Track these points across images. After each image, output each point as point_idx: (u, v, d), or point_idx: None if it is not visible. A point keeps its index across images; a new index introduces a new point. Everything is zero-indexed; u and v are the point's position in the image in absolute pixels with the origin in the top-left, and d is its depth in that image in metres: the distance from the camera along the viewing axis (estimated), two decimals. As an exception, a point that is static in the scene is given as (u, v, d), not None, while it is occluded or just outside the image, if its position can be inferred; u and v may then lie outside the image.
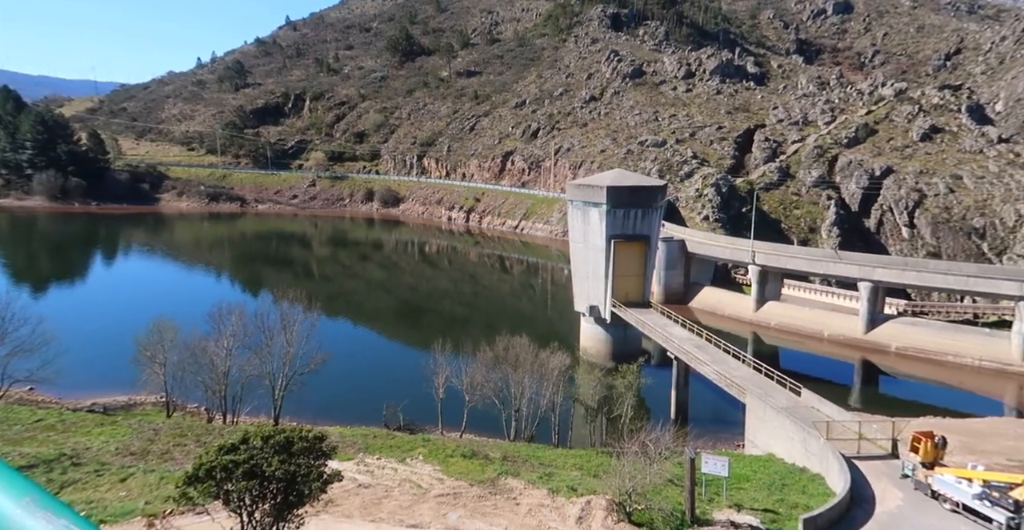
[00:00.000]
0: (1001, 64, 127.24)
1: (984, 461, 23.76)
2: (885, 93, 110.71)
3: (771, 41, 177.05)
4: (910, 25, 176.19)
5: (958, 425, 28.78)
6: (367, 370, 43.75)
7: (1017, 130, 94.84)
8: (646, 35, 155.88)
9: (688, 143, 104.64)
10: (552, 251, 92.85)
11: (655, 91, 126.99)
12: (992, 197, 77.00)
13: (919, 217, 78.74)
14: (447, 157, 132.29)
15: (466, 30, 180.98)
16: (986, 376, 41.34)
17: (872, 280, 49.16)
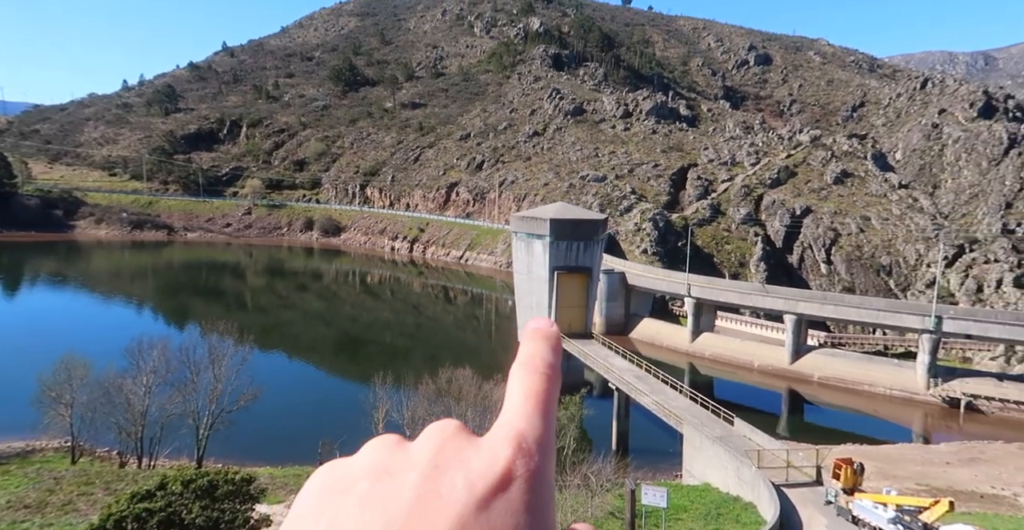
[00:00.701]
0: (898, 118, 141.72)
1: (897, 486, 25.30)
2: (802, 139, 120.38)
3: (701, 87, 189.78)
4: (821, 79, 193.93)
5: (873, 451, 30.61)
6: (303, 405, 41.72)
7: (913, 177, 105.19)
8: (586, 75, 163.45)
9: (627, 179, 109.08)
10: (496, 282, 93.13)
11: (595, 128, 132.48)
12: (896, 237, 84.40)
13: (835, 254, 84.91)
14: (391, 187, 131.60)
15: (411, 63, 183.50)
16: (896, 404, 44.35)
17: (796, 313, 52.19)
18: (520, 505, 0.55)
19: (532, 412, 0.63)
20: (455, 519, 0.52)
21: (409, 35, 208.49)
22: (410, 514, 0.53)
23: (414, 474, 0.57)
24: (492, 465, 0.57)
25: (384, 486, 0.56)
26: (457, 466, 0.57)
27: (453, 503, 0.54)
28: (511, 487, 0.56)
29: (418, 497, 0.54)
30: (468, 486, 0.55)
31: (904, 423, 41.66)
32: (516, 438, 0.59)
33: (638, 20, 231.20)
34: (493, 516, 0.53)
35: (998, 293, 68.18)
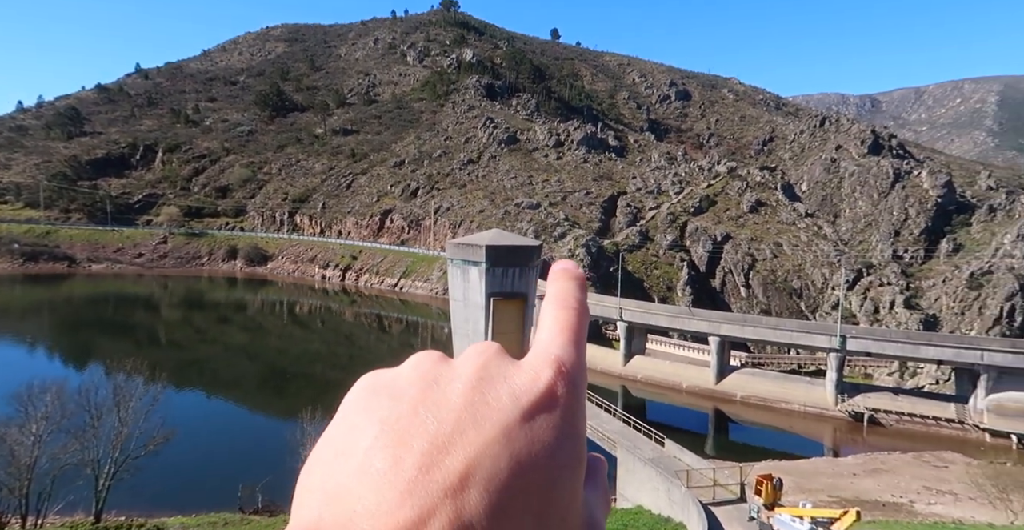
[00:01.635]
0: (802, 152, 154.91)
1: (811, 499, 26.86)
2: (720, 170, 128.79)
3: (627, 119, 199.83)
4: (735, 114, 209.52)
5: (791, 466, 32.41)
6: (222, 447, 39.00)
7: (817, 207, 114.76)
8: (519, 105, 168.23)
9: (560, 206, 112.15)
10: (432, 309, 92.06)
11: (529, 157, 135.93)
12: (805, 262, 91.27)
13: (753, 278, 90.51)
14: (322, 214, 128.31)
15: (342, 90, 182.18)
16: (809, 420, 47.30)
17: (719, 335, 54.92)
18: (560, 421, 0.57)
19: (567, 342, 0.66)
20: (502, 425, 0.54)
21: (340, 62, 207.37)
22: (460, 418, 0.55)
23: (461, 385, 0.59)
24: (535, 382, 0.59)
25: (433, 392, 0.59)
26: (502, 381, 0.59)
27: (500, 411, 0.56)
28: (553, 405, 0.58)
29: (467, 404, 0.56)
30: (514, 398, 0.57)
31: (817, 438, 44.44)
32: (556, 362, 0.62)
33: (567, 54, 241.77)
34: (536, 428, 0.55)
35: (891, 313, 74.96)
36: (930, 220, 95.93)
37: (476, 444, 0.52)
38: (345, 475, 0.53)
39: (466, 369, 0.62)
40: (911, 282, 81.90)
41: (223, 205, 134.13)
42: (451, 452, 0.52)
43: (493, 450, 0.52)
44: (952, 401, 44.76)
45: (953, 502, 28.03)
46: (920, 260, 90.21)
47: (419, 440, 0.53)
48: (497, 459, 0.52)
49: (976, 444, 38.62)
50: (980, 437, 40.29)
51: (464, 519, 0.48)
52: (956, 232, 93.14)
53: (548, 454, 0.54)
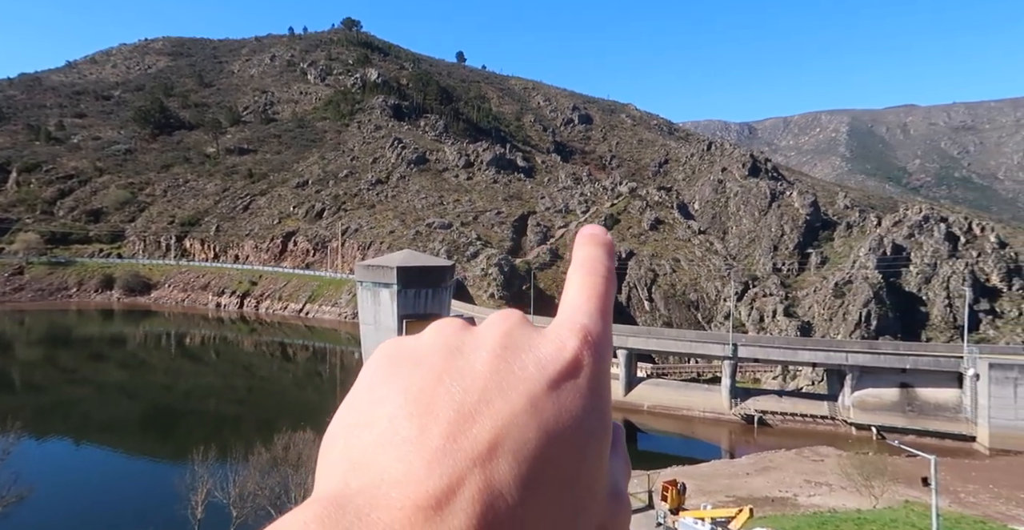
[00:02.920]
0: (693, 174, 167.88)
1: (712, 500, 28.71)
2: (622, 190, 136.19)
3: (535, 141, 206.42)
4: (633, 138, 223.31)
5: (693, 470, 34.46)
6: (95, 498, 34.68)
7: (709, 224, 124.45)
8: (427, 126, 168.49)
9: (472, 226, 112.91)
10: (341, 335, 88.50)
11: (439, 177, 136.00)
12: (700, 276, 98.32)
13: (655, 292, 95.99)
14: (216, 237, 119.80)
15: (236, 107, 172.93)
16: (709, 425, 50.61)
17: (627, 347, 57.52)
18: (587, 389, 0.56)
19: (594, 310, 0.64)
20: (529, 394, 0.53)
21: (233, 78, 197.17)
22: (486, 386, 0.53)
23: (486, 353, 0.57)
24: (561, 351, 0.58)
25: (457, 361, 0.57)
26: (527, 349, 0.58)
27: (526, 380, 0.54)
28: (579, 373, 0.57)
29: (493, 371, 0.55)
30: (540, 367, 0.56)
31: (715, 441, 47.59)
32: (582, 330, 0.60)
33: (473, 77, 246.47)
34: (563, 396, 0.54)
35: (774, 321, 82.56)
36: (801, 236, 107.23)
37: (503, 413, 0.52)
38: (370, 445, 0.52)
39: (490, 337, 0.60)
40: (789, 292, 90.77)
41: (96, 230, 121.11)
42: (478, 421, 0.51)
43: (521, 419, 0.52)
44: (825, 400, 49.94)
45: (829, 492, 31.21)
46: (795, 272, 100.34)
47: (445, 409, 0.52)
48: (525, 428, 0.51)
49: (845, 437, 43.28)
50: (848, 431, 45.22)
51: (494, 488, 0.47)
52: (822, 246, 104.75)
53: (576, 424, 0.54)
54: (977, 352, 45.35)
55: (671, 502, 27.81)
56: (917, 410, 45.19)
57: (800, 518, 26.52)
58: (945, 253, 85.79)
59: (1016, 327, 74.68)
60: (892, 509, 27.62)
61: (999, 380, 41.70)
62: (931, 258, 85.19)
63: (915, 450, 25.88)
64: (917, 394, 45.63)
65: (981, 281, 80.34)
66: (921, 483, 24.91)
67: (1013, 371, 41.80)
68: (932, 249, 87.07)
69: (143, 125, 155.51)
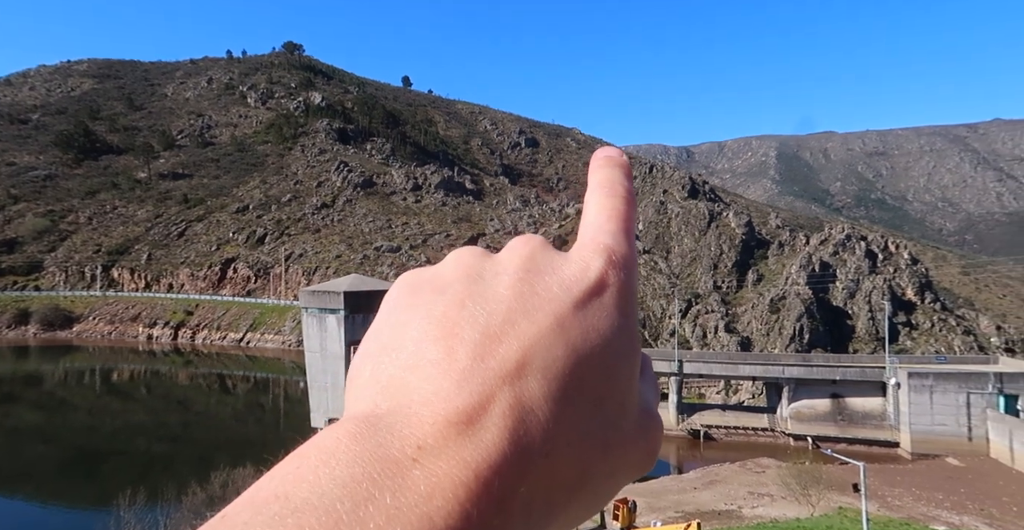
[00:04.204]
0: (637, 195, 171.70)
1: (661, 516, 29.24)
2: (570, 211, 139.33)
3: (482, 164, 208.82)
4: (579, 161, 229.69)
5: (643, 487, 35.00)
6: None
7: (653, 244, 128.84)
8: (373, 150, 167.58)
9: (421, 249, 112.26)
10: (285, 364, 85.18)
11: (387, 201, 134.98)
12: (646, 294, 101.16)
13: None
14: (147, 266, 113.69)
15: (170, 131, 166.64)
16: (658, 440, 51.56)
17: (575, 367, 58.12)
18: (614, 309, 0.54)
19: (616, 230, 0.61)
20: (555, 314, 0.52)
21: (166, 101, 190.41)
22: (511, 309, 0.52)
23: (507, 277, 0.56)
24: (586, 271, 0.56)
25: (479, 286, 0.55)
26: (551, 271, 0.56)
27: (551, 301, 0.53)
28: (605, 293, 0.55)
29: (516, 294, 0.54)
30: (564, 288, 0.54)
31: (664, 457, 48.49)
32: (607, 251, 0.58)
33: (420, 101, 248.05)
34: (589, 315, 0.53)
35: (716, 337, 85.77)
36: (739, 254, 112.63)
37: (530, 333, 0.51)
38: (397, 367, 0.51)
39: (511, 262, 0.58)
40: (729, 309, 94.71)
41: (9, 261, 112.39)
42: (504, 341, 0.50)
43: (547, 339, 0.50)
44: (765, 412, 52.07)
45: (771, 503, 32.42)
46: (734, 289, 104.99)
47: (470, 331, 0.51)
48: (552, 348, 0.50)
49: (784, 448, 45.17)
50: (787, 442, 47.25)
51: (524, 404, 0.47)
52: (758, 264, 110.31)
53: (603, 343, 0.52)
54: (897, 362, 48.73)
55: (622, 521, 28.11)
56: (847, 419, 47.85)
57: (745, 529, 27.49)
58: (866, 269, 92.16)
59: (929, 338, 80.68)
60: (827, 516, 29.01)
61: (917, 388, 44.87)
62: (854, 274, 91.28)
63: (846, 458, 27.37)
64: (847, 404, 48.38)
65: (898, 295, 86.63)
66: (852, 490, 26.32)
67: (928, 379, 45.10)
68: (855, 266, 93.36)
69: (65, 150, 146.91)
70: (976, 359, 54.01)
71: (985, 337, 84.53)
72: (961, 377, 44.89)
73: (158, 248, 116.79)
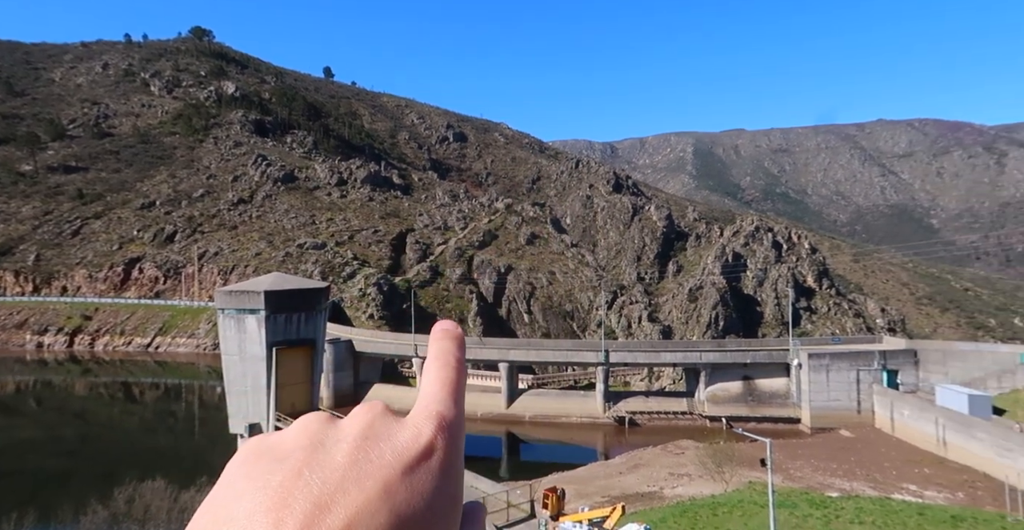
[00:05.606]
0: (564, 190, 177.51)
1: (589, 502, 30.40)
2: (499, 206, 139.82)
3: (410, 158, 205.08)
4: (507, 156, 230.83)
5: (571, 475, 36.21)
6: None
7: (580, 238, 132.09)
8: (294, 143, 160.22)
9: (348, 245, 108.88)
10: (200, 368, 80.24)
11: (310, 196, 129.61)
12: (575, 287, 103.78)
13: (533, 305, 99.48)
14: (35, 267, 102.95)
15: (59, 120, 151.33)
16: (586, 430, 53.42)
17: (508, 360, 58.88)
18: (439, 471, 0.63)
19: (447, 398, 0.72)
20: (384, 481, 0.59)
21: (54, 87, 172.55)
22: (344, 476, 0.58)
23: (346, 445, 0.63)
24: (417, 437, 0.65)
25: (318, 455, 0.62)
26: (386, 438, 0.65)
27: (382, 468, 0.60)
28: (432, 457, 0.64)
29: (351, 462, 0.60)
30: (396, 455, 0.62)
31: (592, 444, 50.35)
32: (436, 417, 0.68)
33: (343, 93, 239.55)
34: (416, 479, 0.61)
35: (640, 327, 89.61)
36: (660, 246, 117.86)
37: (358, 501, 0.56)
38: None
39: (352, 429, 0.66)
40: (652, 299, 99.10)
41: None
42: (332, 510, 0.55)
43: (374, 506, 0.56)
44: (684, 397, 55.25)
45: (689, 482, 34.59)
46: (657, 280, 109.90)
47: (301, 501, 0.55)
48: (377, 514, 0.56)
49: (702, 430, 48.13)
50: (704, 423, 50.41)
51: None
52: (677, 256, 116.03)
53: (426, 505, 0.59)
54: (799, 345, 53.14)
55: (551, 508, 28.95)
56: (757, 399, 51.70)
57: (665, 509, 29.10)
58: (772, 259, 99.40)
59: (827, 321, 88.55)
60: (739, 491, 31.36)
61: (815, 368, 49.21)
62: (762, 264, 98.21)
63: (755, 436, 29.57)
64: (757, 385, 52.24)
65: (800, 282, 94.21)
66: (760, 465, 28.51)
67: (825, 359, 49.57)
68: (763, 256, 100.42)
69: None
70: (865, 339, 59.85)
71: (872, 319, 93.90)
72: (852, 356, 49.67)
73: (48, 248, 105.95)
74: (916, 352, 50.06)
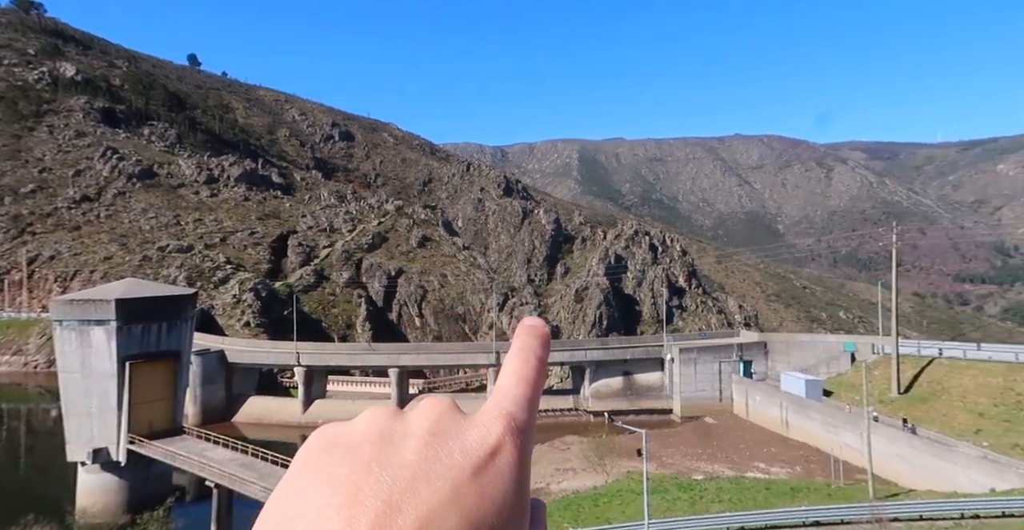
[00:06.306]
0: (456, 193, 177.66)
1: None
2: (389, 208, 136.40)
3: (292, 156, 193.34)
4: (396, 157, 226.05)
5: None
6: None
7: (472, 240, 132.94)
8: (153, 135, 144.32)
9: (220, 248, 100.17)
10: (29, 389, 69.65)
11: (173, 194, 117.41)
12: (466, 290, 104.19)
13: (425, 308, 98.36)
14: None
15: None
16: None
17: (398, 366, 57.72)
18: (508, 474, 0.62)
19: (522, 397, 0.71)
20: (453, 483, 0.58)
21: None
22: (414, 475, 0.58)
23: (414, 441, 0.63)
24: (486, 437, 0.64)
25: (386, 449, 0.61)
26: (454, 436, 0.64)
27: (451, 467, 0.60)
28: (500, 459, 0.63)
29: (420, 460, 0.60)
30: (464, 455, 0.61)
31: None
32: (507, 418, 0.67)
33: (212, 84, 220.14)
34: (485, 481, 0.60)
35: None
36: (549, 249, 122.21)
37: (428, 503, 0.56)
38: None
39: (420, 425, 0.65)
40: (542, 300, 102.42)
41: None
42: (403, 511, 0.55)
43: (444, 508, 0.56)
44: (570, 394, 57.82)
45: (574, 476, 36.27)
46: (546, 281, 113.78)
47: (372, 499, 0.56)
48: (447, 517, 0.55)
49: (586, 425, 50.64)
50: (588, 419, 53.12)
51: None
52: (565, 258, 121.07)
53: (496, 510, 0.58)
54: (672, 340, 57.87)
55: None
56: (636, 393, 55.48)
57: (551, 504, 30.22)
58: (650, 261, 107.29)
59: (695, 318, 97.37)
60: (619, 481, 33.47)
61: (685, 361, 53.91)
62: (641, 265, 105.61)
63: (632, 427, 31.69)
64: (635, 380, 56.05)
65: (673, 282, 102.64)
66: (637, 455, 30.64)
67: (693, 353, 54.48)
68: (641, 258, 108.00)
69: None
70: (726, 333, 66.67)
71: (732, 315, 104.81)
72: (715, 349, 55.09)
73: None
74: (766, 344, 56.73)
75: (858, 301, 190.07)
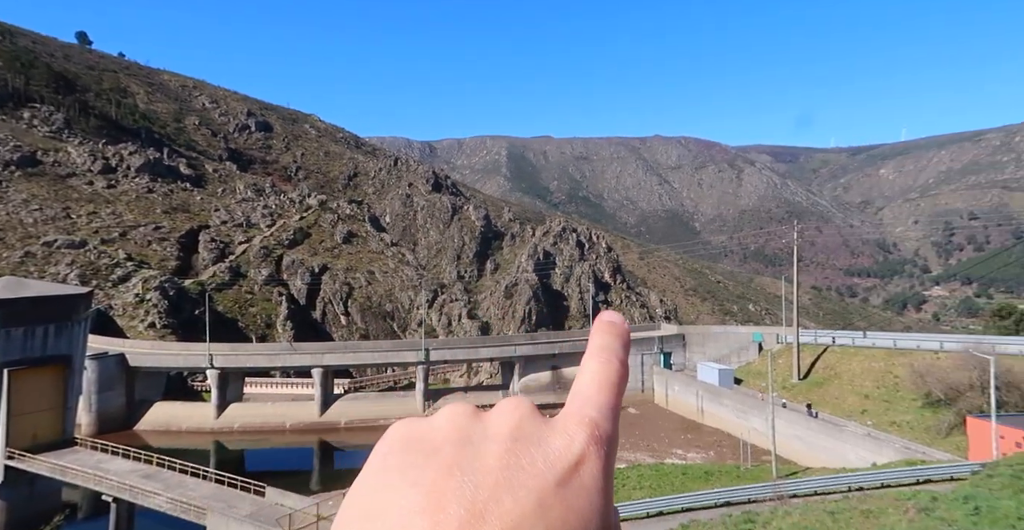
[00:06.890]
0: (383, 188, 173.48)
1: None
2: (312, 202, 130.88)
3: (202, 146, 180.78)
4: (319, 150, 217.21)
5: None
6: None
7: (400, 237, 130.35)
8: (36, 119, 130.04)
9: (119, 243, 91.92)
10: None
11: (62, 184, 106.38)
12: (394, 287, 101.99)
13: (351, 306, 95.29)
14: None
15: None
16: (407, 428, 52.81)
17: (322, 365, 55.47)
18: (593, 486, 0.58)
19: (604, 403, 0.66)
20: (537, 493, 0.55)
21: None
22: (497, 482, 0.55)
23: (496, 446, 0.59)
24: (570, 446, 0.60)
25: (468, 453, 0.59)
26: (536, 443, 0.60)
27: (535, 477, 0.57)
28: (585, 470, 0.59)
29: (503, 467, 0.57)
30: (548, 464, 0.58)
31: (413, 444, 49.88)
32: (591, 425, 0.63)
33: (107, 66, 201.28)
34: (569, 493, 0.57)
35: (460, 325, 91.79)
36: (479, 245, 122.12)
37: (513, 513, 0.54)
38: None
39: (500, 427, 0.62)
40: (472, 297, 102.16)
41: None
42: (487, 520, 0.53)
43: (529, 521, 0.54)
44: (500, 389, 58.05)
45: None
46: (476, 278, 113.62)
47: (456, 506, 0.54)
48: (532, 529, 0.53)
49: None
50: (519, 410, 53.51)
51: None
52: (495, 254, 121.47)
53: (581, 525, 0.55)
54: (597, 333, 59.39)
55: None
56: (563, 387, 56.59)
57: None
58: (577, 257, 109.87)
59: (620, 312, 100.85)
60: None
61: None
62: (568, 261, 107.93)
63: (560, 418, 32.20)
64: (562, 374, 57.19)
65: (599, 278, 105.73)
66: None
67: (618, 344, 56.25)
68: (569, 254, 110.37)
69: None
70: (648, 326, 69.50)
71: (653, 308, 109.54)
72: (638, 342, 57.24)
73: None
74: (684, 336, 59.70)
75: (765, 294, 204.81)
